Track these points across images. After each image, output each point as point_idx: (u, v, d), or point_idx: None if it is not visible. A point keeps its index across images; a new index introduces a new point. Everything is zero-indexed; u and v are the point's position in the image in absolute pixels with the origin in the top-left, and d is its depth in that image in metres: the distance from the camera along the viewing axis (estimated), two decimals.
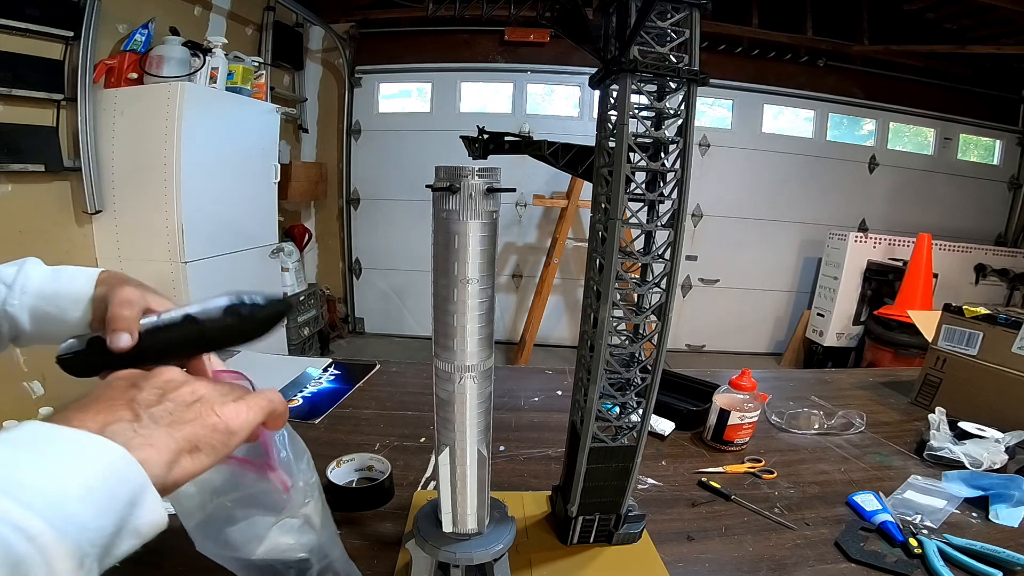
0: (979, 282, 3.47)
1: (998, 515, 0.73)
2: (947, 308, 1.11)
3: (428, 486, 0.76)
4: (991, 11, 2.94)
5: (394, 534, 0.65)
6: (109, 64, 2.08)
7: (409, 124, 3.69)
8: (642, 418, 0.57)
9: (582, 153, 0.56)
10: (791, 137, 3.73)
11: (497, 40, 3.53)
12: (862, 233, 3.38)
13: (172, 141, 2.04)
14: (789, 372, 2.34)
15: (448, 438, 0.50)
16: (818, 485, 0.80)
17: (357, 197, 3.81)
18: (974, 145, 3.92)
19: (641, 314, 0.53)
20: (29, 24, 1.81)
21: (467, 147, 0.64)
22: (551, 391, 1.11)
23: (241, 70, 2.43)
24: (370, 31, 3.59)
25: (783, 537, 0.68)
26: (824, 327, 3.44)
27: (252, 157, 2.56)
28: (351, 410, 0.99)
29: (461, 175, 0.42)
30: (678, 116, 0.47)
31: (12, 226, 1.90)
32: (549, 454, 0.86)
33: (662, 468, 0.84)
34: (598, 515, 0.63)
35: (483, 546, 0.52)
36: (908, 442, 0.95)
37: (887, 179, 3.78)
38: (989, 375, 1.01)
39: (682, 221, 0.49)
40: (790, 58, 3.53)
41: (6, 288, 0.48)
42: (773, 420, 1.00)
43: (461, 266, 0.43)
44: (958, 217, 3.82)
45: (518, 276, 3.89)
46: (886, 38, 3.41)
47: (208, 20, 2.72)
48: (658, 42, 0.44)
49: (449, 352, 0.46)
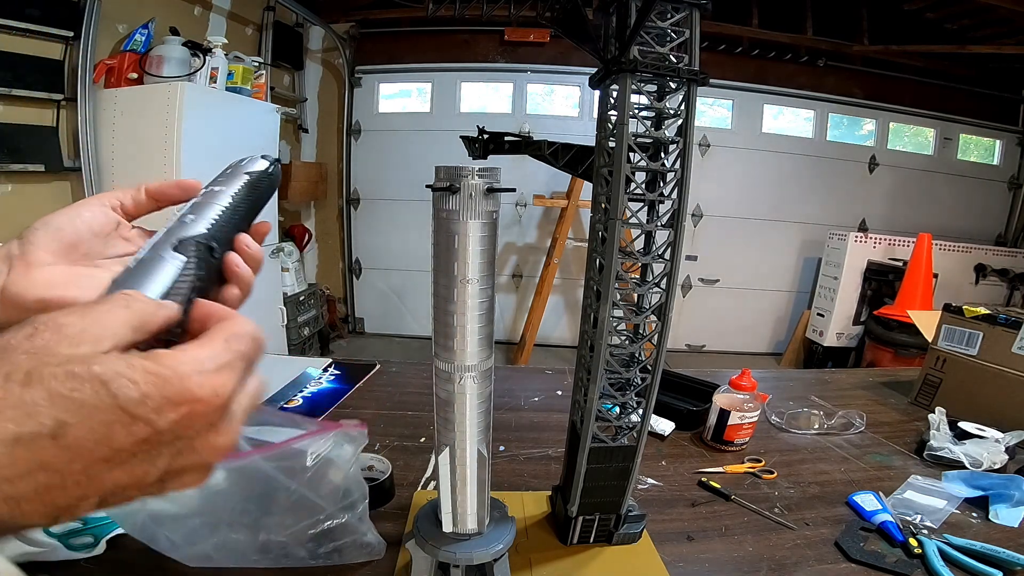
0: (979, 282, 3.47)
1: (998, 515, 0.73)
2: (947, 308, 1.11)
3: (428, 486, 0.76)
4: (991, 11, 2.94)
5: (394, 534, 0.64)
6: (109, 64, 2.08)
7: (409, 124, 3.69)
8: (642, 418, 0.57)
9: (582, 153, 0.56)
10: (791, 137, 3.73)
11: (497, 40, 3.53)
12: (862, 233, 3.38)
13: (172, 141, 2.04)
14: (789, 372, 2.34)
15: (448, 438, 0.49)
16: (818, 485, 0.80)
17: (357, 197, 3.81)
18: (974, 145, 3.92)
19: (641, 314, 0.53)
20: (29, 24, 1.82)
21: (467, 147, 0.64)
22: (551, 391, 1.11)
23: (241, 70, 2.43)
24: (370, 31, 3.59)
25: (783, 537, 0.68)
26: (824, 327, 3.44)
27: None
28: (351, 410, 0.99)
29: (461, 175, 0.42)
30: (678, 116, 0.47)
31: (12, 226, 1.89)
32: (549, 454, 0.86)
33: (662, 468, 0.84)
34: (598, 515, 0.63)
35: (483, 546, 0.52)
36: (908, 442, 0.95)
37: (887, 179, 3.78)
38: (989, 375, 1.01)
39: (682, 221, 0.49)
40: (790, 58, 3.53)
41: None
42: (773, 420, 1.00)
43: (461, 266, 0.43)
44: (958, 217, 3.82)
45: (518, 276, 3.89)
46: (886, 38, 3.41)
47: (208, 20, 2.72)
48: (658, 42, 0.44)
49: (449, 352, 0.46)
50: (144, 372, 0.20)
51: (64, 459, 0.19)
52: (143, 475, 0.21)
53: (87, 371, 0.19)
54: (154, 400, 0.20)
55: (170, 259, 0.29)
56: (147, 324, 0.24)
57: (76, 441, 0.19)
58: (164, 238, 0.30)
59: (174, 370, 0.21)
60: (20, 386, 0.19)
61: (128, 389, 0.20)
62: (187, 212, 0.34)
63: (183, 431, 0.21)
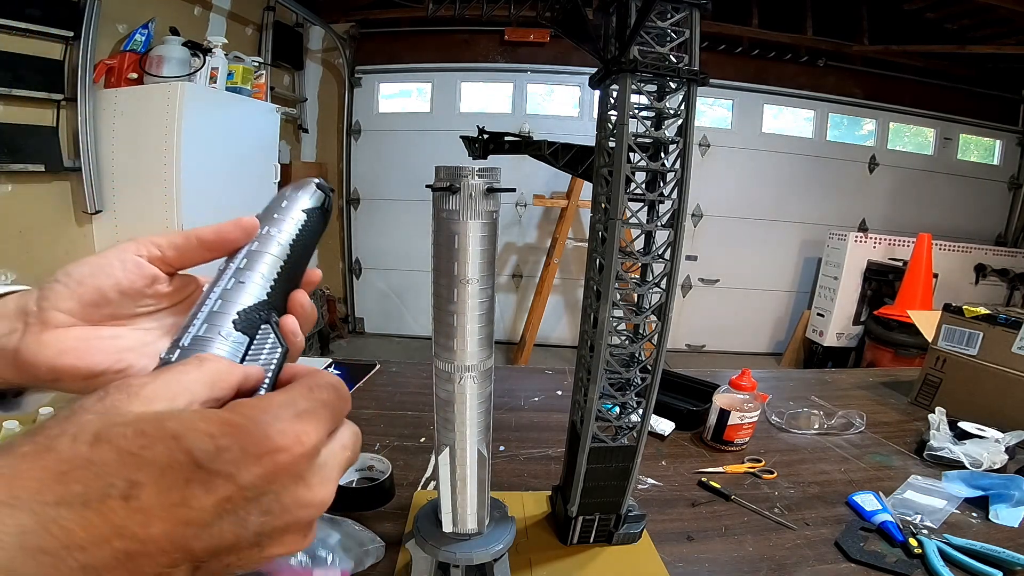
0: (979, 282, 3.47)
1: (998, 515, 0.73)
2: (947, 308, 1.11)
3: (428, 486, 0.76)
4: (991, 11, 2.94)
5: (394, 534, 0.64)
6: (109, 64, 2.08)
7: (409, 124, 3.69)
8: (642, 418, 0.57)
9: (582, 153, 0.56)
10: (791, 137, 3.73)
11: (497, 40, 3.53)
12: (862, 233, 3.38)
13: (172, 141, 2.04)
14: (789, 372, 2.34)
15: (448, 438, 0.49)
16: (818, 485, 0.80)
17: (357, 197, 3.81)
18: (974, 145, 3.92)
19: (641, 314, 0.53)
20: (29, 24, 1.81)
21: (467, 147, 0.64)
22: (551, 391, 1.11)
23: (241, 70, 2.43)
24: (370, 31, 3.59)
25: (783, 537, 0.68)
26: (824, 327, 3.44)
27: (252, 157, 2.56)
28: (351, 410, 0.98)
29: (461, 175, 0.41)
30: (678, 116, 0.47)
31: (12, 226, 1.90)
32: (549, 454, 0.86)
33: (662, 468, 0.84)
34: (598, 515, 0.63)
35: (483, 546, 0.52)
36: (908, 442, 0.95)
37: (887, 179, 3.78)
38: (989, 375, 1.01)
39: (682, 221, 0.49)
40: (790, 58, 3.53)
41: None
42: (773, 420, 1.00)
43: (461, 266, 0.43)
44: (958, 217, 3.82)
45: (518, 276, 3.89)
46: (886, 38, 3.41)
47: (208, 20, 2.72)
48: (658, 42, 0.44)
49: (449, 352, 0.46)
50: (220, 423, 0.19)
51: (140, 522, 0.17)
52: (235, 539, 0.19)
53: (158, 428, 0.18)
54: (232, 453, 0.19)
55: (232, 339, 0.26)
56: (223, 381, 0.22)
57: (151, 503, 0.17)
58: (222, 308, 0.26)
59: (252, 419, 0.20)
60: (88, 447, 0.17)
61: (203, 443, 0.18)
62: (243, 267, 0.29)
63: (268, 486, 0.20)
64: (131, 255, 0.31)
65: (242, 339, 0.26)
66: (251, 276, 0.29)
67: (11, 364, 0.28)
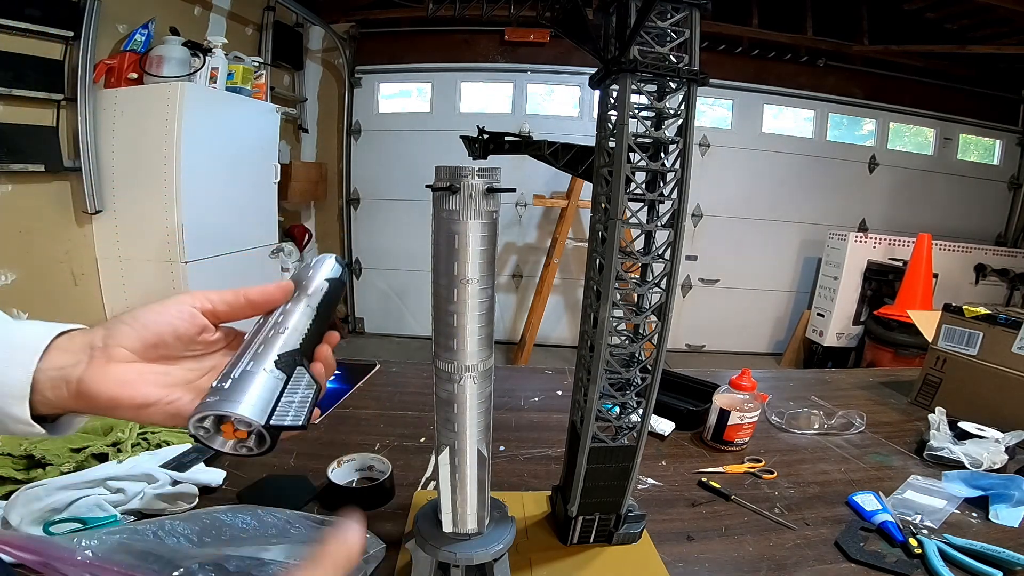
0: (979, 282, 3.47)
1: (998, 515, 0.73)
2: (947, 308, 1.11)
3: (428, 486, 0.76)
4: (991, 11, 2.94)
5: (394, 534, 0.64)
6: (109, 64, 2.08)
7: (409, 124, 3.69)
8: (642, 418, 0.57)
9: (582, 153, 0.56)
10: (791, 137, 3.73)
11: (497, 40, 3.53)
12: (862, 233, 3.38)
13: (172, 141, 2.04)
14: (789, 372, 2.34)
15: (448, 438, 0.49)
16: (818, 485, 0.80)
17: (357, 197, 3.81)
18: (974, 145, 3.92)
19: (641, 314, 0.53)
20: (29, 24, 1.82)
21: (467, 147, 0.64)
22: (551, 391, 1.11)
23: (241, 70, 2.43)
24: (370, 31, 3.59)
25: (783, 537, 0.68)
26: (824, 327, 3.44)
27: (252, 157, 2.56)
28: (351, 410, 0.99)
29: (461, 175, 0.41)
30: (678, 116, 0.47)
31: (12, 226, 1.90)
32: (549, 454, 0.86)
33: (662, 468, 0.84)
34: (598, 515, 0.63)
35: (483, 546, 0.52)
36: (908, 442, 0.95)
37: (887, 179, 3.78)
38: (989, 375, 1.01)
39: (682, 221, 0.49)
40: (790, 58, 3.53)
41: None
42: (773, 420, 1.00)
43: (461, 266, 0.43)
44: (958, 217, 3.82)
45: (518, 276, 3.89)
46: (886, 38, 3.41)
47: (208, 20, 2.72)
48: (658, 42, 0.44)
49: (449, 352, 0.46)
50: None
51: None
52: None
53: None
54: None
55: (274, 375, 0.32)
56: None
57: None
58: (264, 352, 0.33)
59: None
60: None
61: None
62: (280, 320, 0.37)
63: None
64: (187, 307, 0.36)
65: (281, 376, 0.33)
66: (287, 328, 0.36)
67: (73, 391, 0.32)
